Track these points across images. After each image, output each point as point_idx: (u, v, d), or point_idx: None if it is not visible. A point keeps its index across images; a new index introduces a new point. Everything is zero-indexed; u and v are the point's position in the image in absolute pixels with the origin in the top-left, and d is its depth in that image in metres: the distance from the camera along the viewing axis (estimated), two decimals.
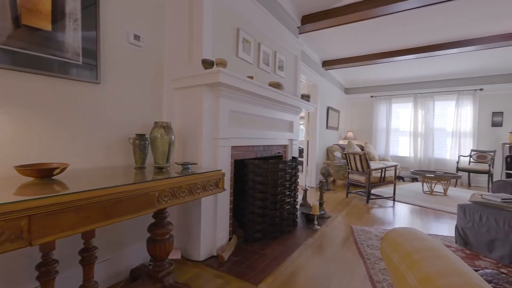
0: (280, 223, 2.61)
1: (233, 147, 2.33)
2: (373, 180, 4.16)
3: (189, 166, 1.66)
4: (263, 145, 2.80)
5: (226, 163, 2.21)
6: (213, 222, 2.14)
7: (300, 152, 6.70)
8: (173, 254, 2.07)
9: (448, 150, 6.34)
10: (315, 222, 2.90)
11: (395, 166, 4.40)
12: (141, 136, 1.74)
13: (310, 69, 5.01)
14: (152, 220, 1.65)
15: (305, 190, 3.51)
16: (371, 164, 4.62)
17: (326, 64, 5.63)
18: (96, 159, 1.69)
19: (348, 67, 5.61)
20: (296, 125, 3.45)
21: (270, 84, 2.66)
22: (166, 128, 1.68)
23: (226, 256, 2.06)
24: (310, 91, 5.51)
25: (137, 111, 1.94)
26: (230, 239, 2.32)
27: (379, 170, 4.17)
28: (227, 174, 2.23)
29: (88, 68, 1.60)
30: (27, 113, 1.37)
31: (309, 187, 5.33)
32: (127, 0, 1.84)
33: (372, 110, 7.32)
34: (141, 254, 1.96)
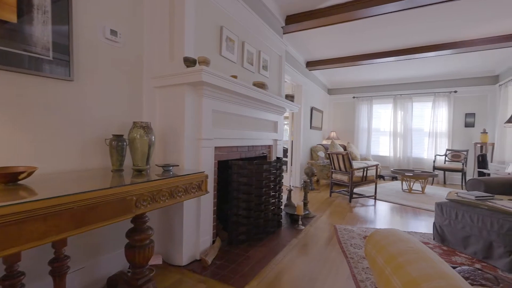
0: (264, 224, 2.59)
1: (216, 148, 2.28)
2: (356, 179, 4.25)
3: (171, 168, 1.60)
4: (248, 146, 2.77)
5: (209, 164, 2.16)
6: (196, 225, 2.08)
7: (284, 152, 6.73)
8: (154, 259, 1.99)
9: (426, 150, 6.61)
10: (300, 222, 2.91)
11: (376, 165, 4.51)
12: (118, 137, 1.66)
13: (294, 70, 5.04)
14: (131, 225, 1.57)
15: (290, 190, 3.52)
16: (353, 164, 4.72)
17: (310, 64, 5.69)
18: (70, 161, 1.58)
19: (331, 68, 5.71)
20: (281, 125, 3.44)
21: (254, 84, 2.63)
22: (146, 128, 1.60)
23: (210, 259, 2.01)
24: (295, 91, 5.55)
25: (114, 111, 1.84)
26: (214, 242, 2.27)
27: (361, 169, 4.26)
28: (210, 176, 2.18)
29: (60, 64, 1.50)
30: None
31: (293, 187, 5.36)
32: None
33: (354, 110, 7.49)
34: (120, 261, 1.87)
